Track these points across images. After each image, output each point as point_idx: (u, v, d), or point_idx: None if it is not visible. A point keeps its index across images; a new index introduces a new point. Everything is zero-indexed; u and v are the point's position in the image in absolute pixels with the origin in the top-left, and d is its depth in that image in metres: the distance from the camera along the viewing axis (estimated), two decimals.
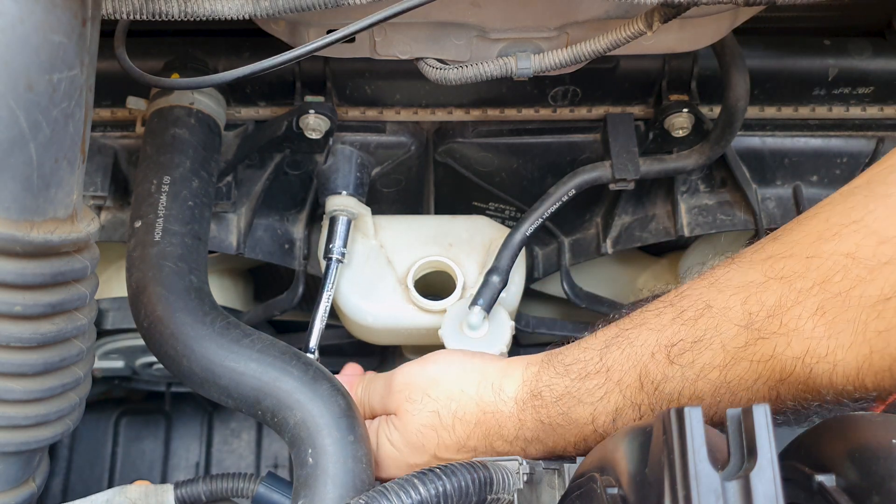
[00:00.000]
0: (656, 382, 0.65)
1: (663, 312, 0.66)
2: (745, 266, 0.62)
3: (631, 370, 0.66)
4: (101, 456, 1.57)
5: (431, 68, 0.75)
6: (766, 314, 0.59)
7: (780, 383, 0.60)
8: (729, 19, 0.74)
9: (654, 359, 0.65)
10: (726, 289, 0.62)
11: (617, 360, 0.67)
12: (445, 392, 0.74)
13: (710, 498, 0.42)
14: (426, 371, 0.77)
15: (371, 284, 0.96)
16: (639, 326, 0.67)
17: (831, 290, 0.56)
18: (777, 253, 0.61)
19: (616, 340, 0.68)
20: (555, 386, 0.70)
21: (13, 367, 0.50)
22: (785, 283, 0.59)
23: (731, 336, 0.61)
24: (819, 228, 0.59)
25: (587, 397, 0.68)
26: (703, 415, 0.44)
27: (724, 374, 0.62)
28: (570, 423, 0.69)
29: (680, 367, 0.63)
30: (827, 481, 0.51)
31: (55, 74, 0.43)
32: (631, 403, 0.66)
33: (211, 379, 0.74)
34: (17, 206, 0.46)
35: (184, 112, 0.86)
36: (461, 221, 1.00)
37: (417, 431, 0.74)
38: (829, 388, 0.58)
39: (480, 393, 0.73)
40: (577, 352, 0.70)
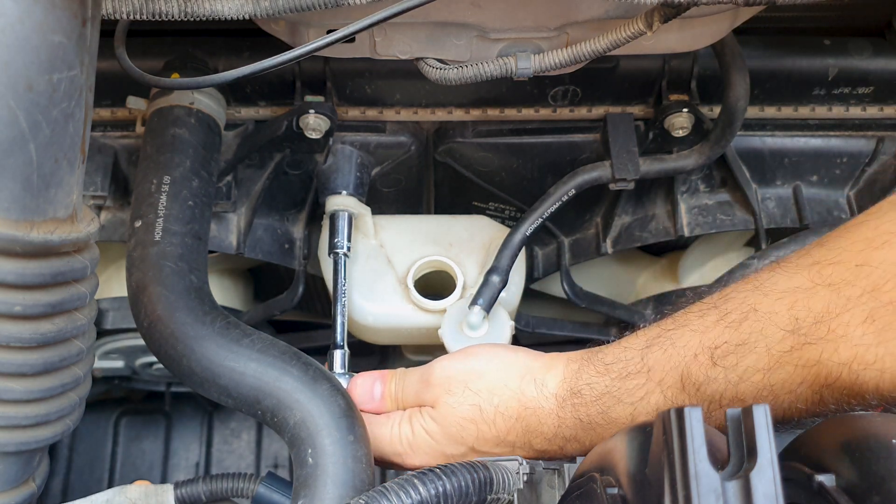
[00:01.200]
0: (698, 384, 0.64)
1: (707, 314, 0.66)
2: (791, 271, 0.62)
3: (672, 371, 0.66)
4: (101, 456, 1.57)
5: (431, 68, 0.75)
6: (814, 320, 0.59)
7: (825, 388, 0.60)
8: (729, 19, 0.74)
9: (696, 360, 0.65)
10: (772, 293, 0.62)
11: (658, 360, 0.67)
12: (487, 386, 0.73)
13: (710, 498, 0.42)
14: (467, 364, 0.76)
15: (371, 284, 0.96)
16: (681, 327, 0.67)
17: (881, 298, 0.56)
18: (824, 259, 0.61)
19: (658, 341, 0.67)
20: (595, 384, 0.70)
21: (13, 367, 0.50)
22: (833, 289, 0.59)
23: (776, 340, 0.61)
24: (868, 236, 0.59)
25: (627, 397, 0.68)
26: (706, 415, 0.44)
27: (767, 378, 0.62)
28: (610, 422, 0.69)
29: (723, 369, 0.63)
30: (827, 481, 0.51)
31: (55, 74, 0.43)
32: (672, 404, 0.66)
33: (211, 379, 0.74)
34: (17, 207, 0.46)
35: (184, 112, 0.86)
36: (461, 221, 1.00)
37: (457, 424, 0.73)
38: (875, 395, 0.58)
39: (522, 388, 0.73)
40: (617, 351, 0.70)
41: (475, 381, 0.74)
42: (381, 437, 0.78)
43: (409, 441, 0.76)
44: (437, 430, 0.75)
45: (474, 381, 0.74)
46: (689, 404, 0.64)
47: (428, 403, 0.76)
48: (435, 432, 0.75)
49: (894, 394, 0.57)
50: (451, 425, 0.74)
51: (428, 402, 0.76)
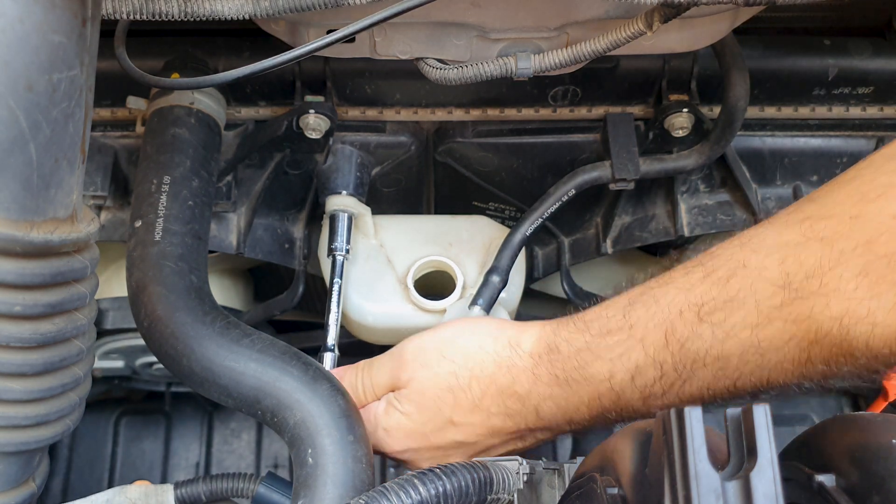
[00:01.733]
0: (682, 340, 0.63)
1: (692, 272, 0.64)
2: (780, 227, 0.61)
3: (656, 328, 0.64)
4: (101, 456, 1.57)
5: (431, 68, 0.75)
6: (805, 274, 0.58)
7: (814, 344, 0.59)
8: (729, 19, 0.74)
9: (681, 317, 0.63)
10: (761, 249, 0.61)
11: (641, 317, 0.65)
12: (462, 351, 0.73)
13: (711, 498, 0.42)
14: (440, 334, 0.76)
15: (371, 284, 0.96)
16: (665, 285, 0.65)
17: (876, 251, 0.55)
18: (816, 214, 0.59)
19: (641, 298, 0.66)
20: (573, 340, 0.68)
21: (13, 367, 0.50)
22: (826, 243, 0.57)
23: (766, 295, 0.59)
24: (862, 189, 0.57)
25: (606, 353, 0.67)
26: (707, 414, 0.44)
27: (755, 334, 0.60)
28: (586, 378, 0.68)
29: (710, 325, 0.62)
30: (827, 481, 0.51)
31: (55, 74, 0.43)
32: (653, 361, 0.65)
33: (211, 378, 0.74)
34: (17, 207, 0.46)
35: (184, 112, 0.86)
36: (461, 221, 1.00)
37: (434, 396, 0.73)
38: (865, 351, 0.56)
39: (497, 349, 0.72)
40: (598, 309, 0.69)
41: (449, 349, 0.73)
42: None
43: (384, 428, 0.76)
44: (412, 408, 0.74)
45: (448, 349, 0.73)
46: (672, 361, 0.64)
47: (403, 383, 0.75)
48: (411, 411, 0.74)
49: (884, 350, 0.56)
50: (429, 398, 0.73)
51: (403, 381, 0.75)
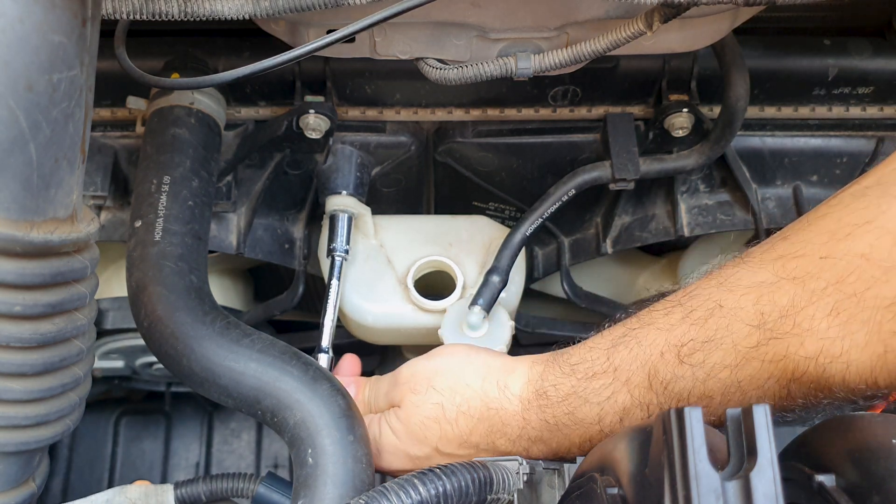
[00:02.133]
0: (665, 382, 0.64)
1: (672, 312, 0.65)
2: (755, 266, 0.62)
3: (639, 370, 0.66)
4: (102, 456, 1.57)
5: (431, 68, 0.75)
6: (779, 314, 0.59)
7: (792, 382, 0.60)
8: (729, 19, 0.74)
9: (663, 358, 0.64)
10: (737, 289, 0.62)
11: (625, 359, 0.67)
12: (449, 384, 0.74)
13: (710, 498, 0.42)
14: (431, 363, 0.77)
15: (371, 284, 0.96)
16: (647, 326, 0.67)
17: (846, 290, 0.56)
18: (788, 253, 0.60)
19: (623, 340, 0.67)
20: (560, 385, 0.69)
21: (13, 367, 0.50)
22: (798, 283, 0.58)
23: (742, 336, 0.61)
24: (831, 228, 0.58)
25: (594, 397, 0.68)
26: (705, 415, 0.44)
27: (734, 374, 0.61)
28: (576, 423, 0.69)
29: (690, 366, 0.63)
30: (827, 481, 0.51)
31: (55, 74, 0.43)
32: (639, 403, 0.66)
33: (211, 379, 0.74)
34: (17, 207, 0.46)
35: (184, 112, 0.86)
36: (461, 221, 1.00)
37: (420, 423, 0.74)
38: (842, 387, 0.58)
39: (485, 388, 0.73)
40: (583, 351, 0.70)
41: (438, 380, 0.74)
42: None
43: (376, 442, 0.76)
44: (401, 428, 0.75)
45: (438, 380, 0.74)
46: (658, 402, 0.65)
47: (395, 402, 0.77)
48: (399, 431, 0.75)
49: (860, 385, 0.57)
50: (415, 424, 0.74)
51: (395, 400, 0.77)
